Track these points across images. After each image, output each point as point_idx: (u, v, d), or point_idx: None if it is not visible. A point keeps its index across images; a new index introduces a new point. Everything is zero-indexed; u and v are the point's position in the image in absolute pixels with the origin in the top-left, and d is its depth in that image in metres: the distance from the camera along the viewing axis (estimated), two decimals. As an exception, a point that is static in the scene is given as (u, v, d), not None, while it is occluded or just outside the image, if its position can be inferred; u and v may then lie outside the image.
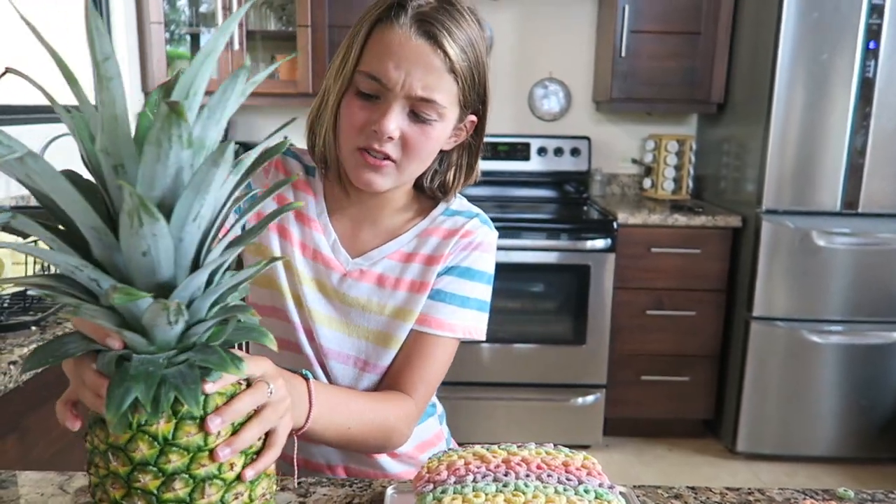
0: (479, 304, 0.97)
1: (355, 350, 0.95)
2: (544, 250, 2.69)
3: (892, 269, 2.61)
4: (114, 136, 0.49)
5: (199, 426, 0.56)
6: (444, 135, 0.89)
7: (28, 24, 0.49)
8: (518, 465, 0.69)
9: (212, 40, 0.51)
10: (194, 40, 2.97)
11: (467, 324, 0.95)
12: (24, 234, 0.51)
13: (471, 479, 0.67)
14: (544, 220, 2.78)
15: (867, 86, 2.48)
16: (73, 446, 1.31)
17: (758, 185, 2.62)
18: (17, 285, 0.55)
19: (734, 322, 2.79)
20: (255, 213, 0.93)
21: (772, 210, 2.60)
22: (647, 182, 3.20)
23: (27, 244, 0.50)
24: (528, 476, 0.67)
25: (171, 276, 0.52)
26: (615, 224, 2.67)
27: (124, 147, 0.49)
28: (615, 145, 3.29)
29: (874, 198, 2.55)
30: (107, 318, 0.52)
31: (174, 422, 0.55)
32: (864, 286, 2.62)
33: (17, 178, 0.51)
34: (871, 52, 2.45)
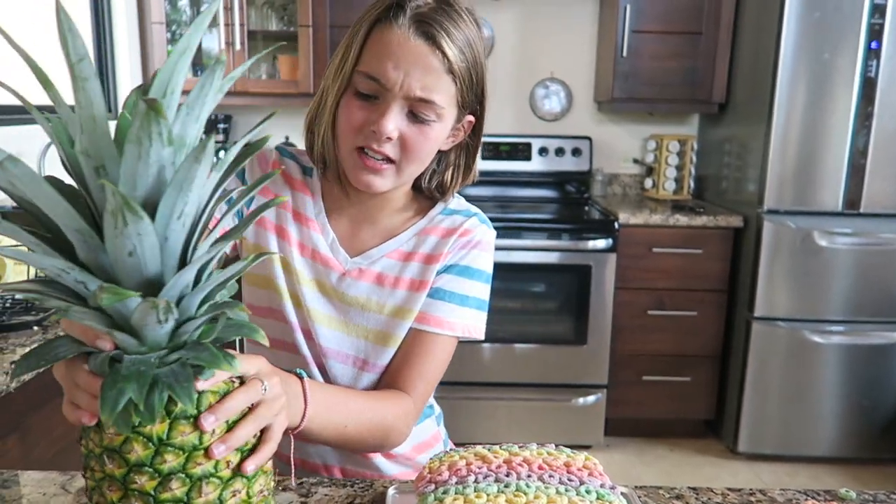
0: (477, 302, 0.97)
1: (354, 349, 0.95)
2: (545, 250, 2.69)
3: (893, 270, 2.61)
4: (93, 138, 0.49)
5: (193, 425, 0.56)
6: (443, 135, 0.89)
7: (2, 32, 0.48)
8: (520, 465, 0.69)
9: (185, 38, 0.50)
10: (196, 40, 2.97)
11: (466, 322, 0.96)
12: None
13: (472, 479, 0.67)
14: (545, 220, 2.78)
15: (869, 85, 2.47)
16: (75, 446, 1.30)
17: (759, 185, 2.61)
18: (6, 291, 0.55)
19: (735, 322, 2.79)
20: (245, 211, 0.94)
21: (773, 210, 2.59)
22: (648, 182, 3.20)
23: (14, 250, 0.50)
24: (529, 476, 0.67)
25: (159, 275, 0.52)
26: (616, 224, 2.67)
27: (104, 148, 0.49)
28: (616, 145, 3.29)
29: (876, 198, 2.55)
30: (96, 320, 0.52)
31: (168, 422, 0.55)
32: (866, 286, 2.62)
33: (11, 187, 0.50)
34: (872, 52, 2.45)
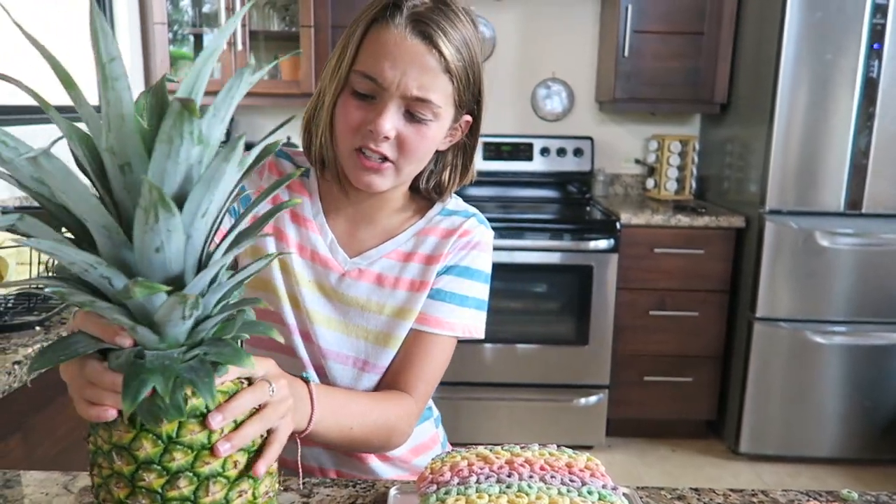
0: (477, 302, 0.97)
1: (354, 350, 0.95)
2: (547, 251, 2.69)
3: (895, 270, 2.61)
4: (121, 136, 0.50)
5: (202, 424, 0.56)
6: (440, 135, 0.89)
7: (24, 32, 0.48)
8: (521, 466, 0.69)
9: (213, 42, 0.52)
10: (197, 40, 2.97)
11: (466, 322, 0.96)
12: (30, 237, 0.51)
13: (474, 479, 0.67)
14: (547, 221, 2.78)
15: (871, 86, 2.47)
16: (78, 446, 1.31)
17: (761, 185, 2.61)
18: (22, 288, 0.56)
19: (737, 323, 2.78)
20: (251, 216, 0.94)
21: (775, 210, 2.59)
22: (650, 182, 3.20)
23: (51, 244, 0.50)
24: (531, 477, 0.67)
25: (181, 273, 0.53)
26: (618, 224, 2.67)
27: (132, 146, 0.50)
28: (618, 145, 3.29)
29: (878, 198, 2.55)
30: (115, 314, 0.53)
31: (178, 420, 0.55)
32: (868, 287, 2.62)
33: (18, 180, 0.51)
34: (874, 53, 2.45)
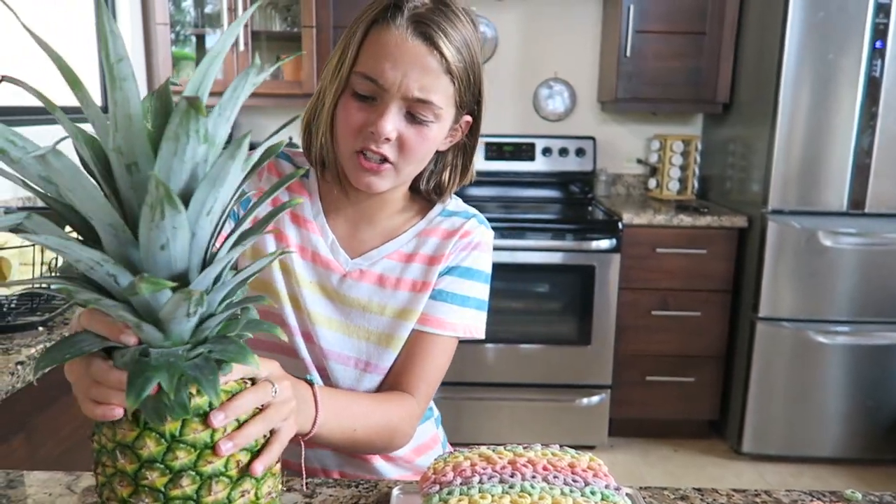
0: (478, 303, 0.97)
1: (356, 351, 0.95)
2: (549, 251, 2.69)
3: (898, 270, 2.60)
4: (128, 136, 0.50)
5: (205, 423, 0.56)
6: (441, 135, 0.89)
7: (32, 33, 0.49)
8: (524, 466, 0.69)
9: (220, 42, 0.52)
10: (200, 41, 2.97)
11: (467, 322, 0.96)
12: (37, 235, 0.52)
13: (477, 480, 0.67)
14: (549, 221, 2.78)
15: (874, 85, 2.47)
16: (81, 446, 1.31)
17: (763, 185, 2.61)
18: (25, 288, 0.56)
19: (740, 323, 2.78)
20: (251, 218, 0.94)
21: (778, 210, 2.59)
22: (652, 182, 3.20)
23: (58, 241, 0.51)
24: (534, 477, 0.67)
25: (185, 271, 0.53)
26: (620, 224, 2.67)
27: (139, 146, 0.50)
28: (620, 145, 3.29)
29: (881, 198, 2.54)
30: (119, 312, 0.53)
31: (182, 418, 0.56)
32: (871, 287, 2.61)
33: (26, 180, 0.51)
34: (877, 52, 2.45)
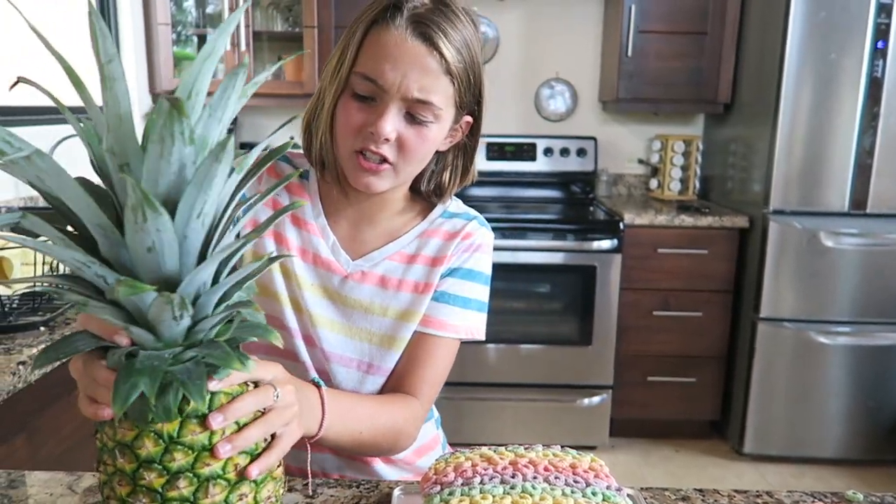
0: (479, 304, 0.97)
1: (358, 353, 0.95)
2: (550, 251, 2.69)
3: (900, 270, 2.60)
4: (119, 136, 0.50)
5: (203, 425, 0.56)
6: (441, 136, 0.89)
7: (38, 34, 0.49)
8: (525, 466, 0.69)
9: (211, 41, 0.51)
10: (201, 41, 2.98)
11: (469, 324, 0.96)
12: (35, 235, 0.52)
13: (478, 480, 0.67)
14: (550, 221, 2.77)
15: (875, 85, 2.46)
16: (82, 446, 1.32)
17: (765, 185, 2.61)
18: (26, 285, 0.56)
19: (741, 323, 2.78)
20: (251, 220, 0.94)
21: (779, 210, 2.59)
22: (653, 182, 3.19)
23: (38, 242, 0.51)
24: (535, 478, 0.67)
25: (177, 273, 0.53)
26: (621, 224, 2.67)
27: (129, 146, 0.50)
28: (621, 145, 3.28)
29: (882, 198, 2.54)
30: (115, 315, 0.53)
31: (180, 420, 0.56)
32: (872, 287, 2.61)
33: (26, 179, 0.51)
34: (879, 52, 2.44)
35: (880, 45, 2.44)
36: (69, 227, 0.54)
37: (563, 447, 0.75)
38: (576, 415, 2.79)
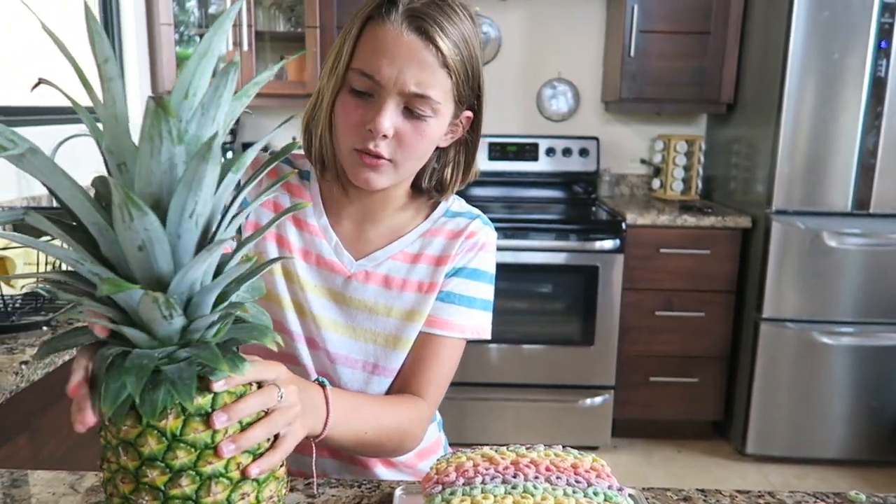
0: (484, 303, 0.97)
1: (363, 354, 0.95)
2: (552, 251, 2.69)
3: (903, 270, 2.59)
4: (115, 135, 0.50)
5: (206, 424, 0.56)
6: (440, 131, 0.88)
7: (54, 37, 0.49)
8: (527, 466, 0.69)
9: (207, 39, 0.51)
10: (204, 41, 2.98)
11: (475, 323, 0.96)
12: (39, 233, 0.52)
13: (479, 480, 0.67)
14: (553, 221, 2.77)
15: (879, 85, 2.46)
16: (84, 445, 1.32)
17: (768, 185, 2.60)
18: (29, 285, 0.56)
19: (744, 323, 2.77)
20: (252, 222, 0.94)
21: (782, 210, 2.58)
22: (655, 182, 3.19)
23: (31, 239, 0.51)
24: (537, 478, 0.67)
25: (170, 272, 0.53)
26: (624, 225, 2.67)
27: (125, 146, 0.50)
28: (624, 145, 3.28)
29: (885, 198, 2.54)
30: (111, 314, 0.53)
31: (182, 418, 0.56)
32: (876, 287, 2.60)
33: (35, 176, 0.52)
34: (882, 52, 2.44)
35: (884, 44, 2.43)
36: (74, 224, 0.54)
37: (564, 447, 0.75)
38: (578, 415, 2.79)
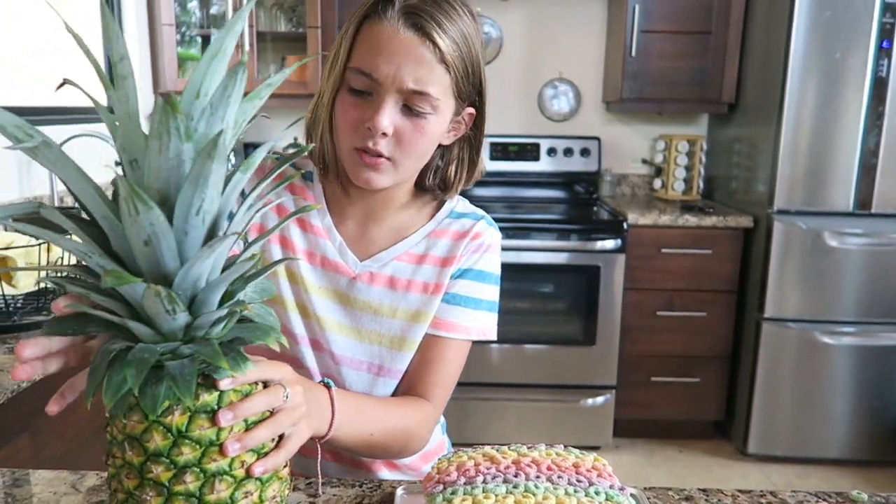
0: (490, 304, 0.97)
1: (368, 355, 0.94)
2: (554, 251, 2.69)
3: (905, 270, 2.59)
4: (127, 132, 0.51)
5: (212, 421, 0.56)
6: (440, 128, 0.87)
7: (77, 38, 0.50)
8: (528, 466, 0.69)
9: (217, 40, 0.51)
10: (205, 42, 2.98)
11: (481, 325, 0.95)
12: (53, 227, 0.52)
13: (481, 479, 0.67)
14: (554, 221, 2.77)
15: (880, 85, 2.45)
16: (86, 445, 1.32)
17: (769, 185, 2.60)
18: (31, 285, 0.57)
19: (745, 323, 2.77)
20: (257, 225, 0.94)
21: (783, 210, 2.58)
22: (657, 182, 3.19)
23: (42, 230, 0.51)
24: (538, 477, 0.67)
25: (176, 269, 0.53)
26: (625, 224, 2.67)
27: (137, 143, 0.51)
28: (625, 145, 3.28)
29: (887, 198, 2.53)
30: (118, 308, 0.53)
31: (188, 415, 0.56)
32: (877, 287, 2.60)
33: (49, 168, 0.52)
34: (884, 51, 2.43)
35: (885, 44, 2.43)
36: (86, 218, 0.55)
37: (566, 447, 0.75)
38: (579, 415, 2.79)
